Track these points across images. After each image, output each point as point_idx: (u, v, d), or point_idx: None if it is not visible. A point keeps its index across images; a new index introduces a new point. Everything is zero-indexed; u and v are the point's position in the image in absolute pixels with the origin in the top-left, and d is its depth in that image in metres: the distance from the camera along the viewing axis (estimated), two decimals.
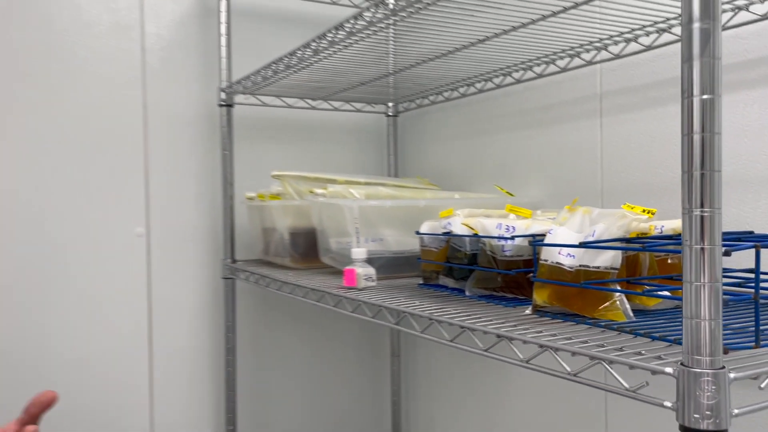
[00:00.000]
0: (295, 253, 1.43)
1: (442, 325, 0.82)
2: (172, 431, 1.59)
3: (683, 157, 0.50)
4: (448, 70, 1.42)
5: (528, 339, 0.68)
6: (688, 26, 0.50)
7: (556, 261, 0.78)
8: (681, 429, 0.50)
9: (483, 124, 1.55)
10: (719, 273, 0.50)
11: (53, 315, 1.48)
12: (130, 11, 1.55)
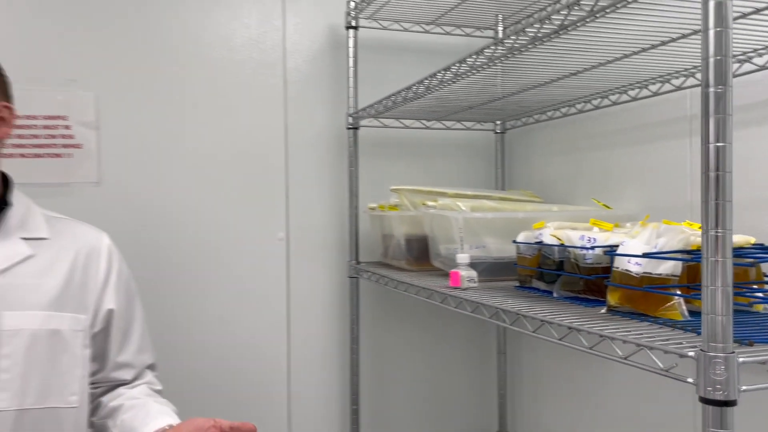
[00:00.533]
0: (410, 257, 1.65)
1: (552, 326, 0.97)
2: (306, 407, 1.86)
3: (702, 190, 0.65)
4: (551, 94, 1.57)
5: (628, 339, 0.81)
6: (705, 90, 0.64)
7: (625, 268, 0.93)
8: (700, 400, 0.65)
9: (583, 141, 1.68)
10: (730, 279, 0.64)
11: (208, 305, 1.79)
12: (274, 50, 1.84)
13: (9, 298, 1.03)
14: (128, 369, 1.18)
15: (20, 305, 1.04)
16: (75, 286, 1.11)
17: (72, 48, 1.66)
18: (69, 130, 1.68)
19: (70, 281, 1.10)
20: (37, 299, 1.06)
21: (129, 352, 1.19)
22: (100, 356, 1.16)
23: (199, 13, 1.78)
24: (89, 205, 1.64)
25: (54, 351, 1.06)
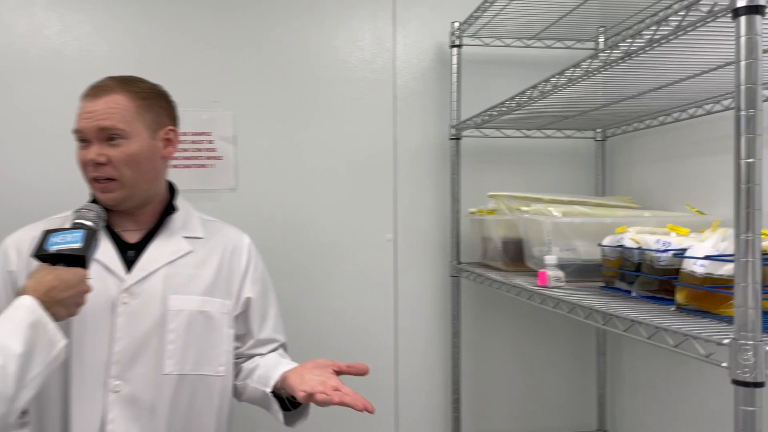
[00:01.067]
0: (506, 258, 1.77)
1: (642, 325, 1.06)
2: (411, 395, 2.03)
3: (735, 199, 0.75)
4: (649, 103, 1.64)
5: (678, 330, 0.92)
6: (737, 113, 0.74)
7: (691, 269, 1.02)
8: (732, 382, 0.75)
9: (679, 148, 1.73)
10: (759, 277, 0.73)
11: (324, 298, 2.00)
12: (385, 69, 2.04)
13: (174, 284, 1.29)
14: (265, 346, 1.42)
15: (182, 290, 1.29)
16: (222, 277, 1.36)
17: (215, 74, 1.95)
18: (212, 144, 1.97)
19: (219, 273, 1.35)
20: (194, 286, 1.31)
21: (266, 332, 1.42)
22: (242, 335, 1.40)
23: (320, 39, 2.01)
24: (228, 208, 1.92)
25: (206, 329, 1.30)
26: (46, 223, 1.32)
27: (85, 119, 1.25)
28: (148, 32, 1.91)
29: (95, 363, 1.21)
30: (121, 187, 1.26)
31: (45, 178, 1.83)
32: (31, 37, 1.86)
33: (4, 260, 1.27)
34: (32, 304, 0.99)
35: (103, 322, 1.22)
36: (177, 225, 1.36)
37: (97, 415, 1.20)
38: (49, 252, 1.06)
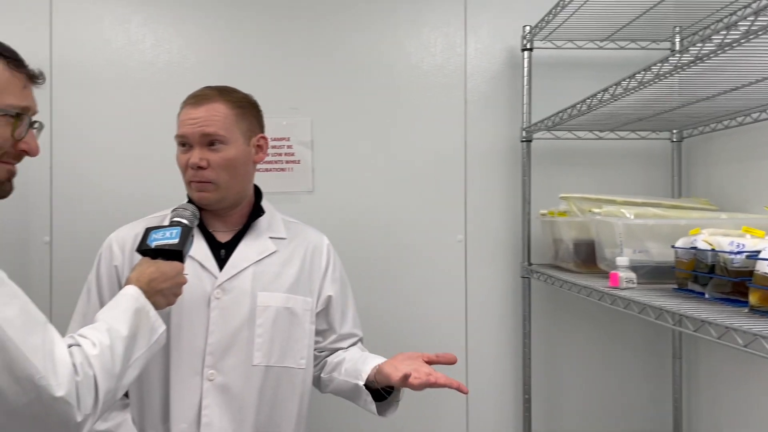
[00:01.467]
0: (578, 260, 1.78)
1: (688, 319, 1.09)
2: (482, 393, 2.06)
3: None
4: (725, 104, 1.61)
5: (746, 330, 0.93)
6: None
7: (764, 271, 1.01)
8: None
9: (760, 149, 1.68)
10: None
11: (397, 297, 2.06)
12: (456, 74, 2.08)
13: (261, 281, 1.38)
14: (346, 340, 1.50)
15: (269, 288, 1.39)
16: (305, 276, 1.45)
17: (294, 83, 2.05)
18: (291, 149, 2.07)
19: (301, 272, 1.44)
20: (280, 284, 1.40)
21: (346, 327, 1.51)
22: (324, 331, 1.48)
23: (392, 47, 2.08)
24: (306, 209, 2.01)
25: (290, 324, 1.39)
26: (144, 221, 1.44)
27: (189, 125, 1.35)
28: (233, 45, 2.04)
29: (192, 353, 1.32)
30: (216, 189, 1.36)
31: (142, 180, 1.98)
32: (128, 51, 2.02)
33: (109, 255, 1.40)
34: (136, 293, 1.10)
35: (199, 315, 1.33)
36: (263, 226, 1.45)
37: (194, 400, 1.31)
38: (150, 247, 1.17)
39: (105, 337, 1.01)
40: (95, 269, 1.40)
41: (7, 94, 1.02)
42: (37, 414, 0.90)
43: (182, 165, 1.38)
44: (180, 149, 1.39)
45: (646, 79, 1.29)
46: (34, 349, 0.89)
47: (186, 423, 1.31)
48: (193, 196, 1.39)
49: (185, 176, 1.39)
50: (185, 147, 1.38)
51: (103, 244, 1.43)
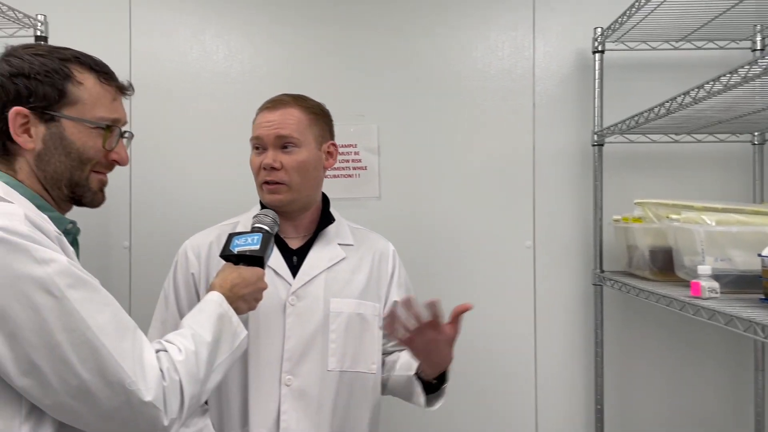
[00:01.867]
0: (654, 268, 1.72)
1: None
2: (552, 403, 2.03)
3: None
4: None
5: None
6: None
7: None
8: None
9: None
10: None
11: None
12: (524, 78, 2.06)
13: (333, 288, 1.40)
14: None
15: (341, 294, 1.40)
16: (373, 282, 1.46)
17: (361, 90, 2.07)
18: (358, 155, 2.09)
19: (370, 278, 1.45)
20: (350, 290, 1.42)
21: None
22: (386, 334, 1.48)
23: (459, 52, 2.07)
24: (372, 215, 2.03)
25: (361, 329, 1.41)
26: (217, 228, 1.48)
27: (264, 128, 1.39)
28: (302, 54, 2.07)
29: (270, 359, 1.34)
30: (288, 191, 1.38)
31: (216, 187, 2.04)
32: (203, 62, 2.09)
33: (185, 264, 1.43)
34: (219, 299, 1.13)
35: (276, 322, 1.35)
36: (332, 233, 1.47)
37: (273, 405, 1.33)
38: (233, 253, 1.21)
39: (190, 342, 1.03)
40: (172, 277, 1.44)
41: (98, 107, 1.06)
42: (126, 417, 0.93)
43: (256, 167, 1.41)
44: (254, 152, 1.42)
45: (732, 82, 1.23)
46: (124, 355, 0.93)
47: (265, 428, 1.33)
48: (264, 199, 1.41)
49: (258, 178, 1.41)
50: (259, 150, 1.41)
51: (179, 251, 1.46)
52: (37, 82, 1.00)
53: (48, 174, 1.03)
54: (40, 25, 1.81)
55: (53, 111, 1.01)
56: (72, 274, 0.92)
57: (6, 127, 1.00)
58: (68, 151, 1.03)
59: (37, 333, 0.87)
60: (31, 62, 1.01)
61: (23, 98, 1.00)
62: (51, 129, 1.02)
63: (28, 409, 0.91)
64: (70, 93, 1.02)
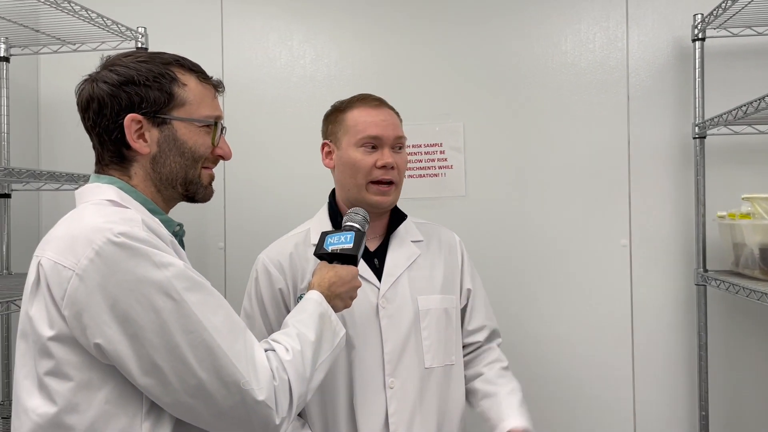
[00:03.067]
0: (764, 266, 1.62)
1: None
2: (652, 410, 1.94)
3: None
4: None
5: None
6: None
7: None
8: None
9: None
10: None
11: (552, 304, 1.99)
12: (617, 69, 1.98)
13: (417, 286, 1.39)
14: (482, 331, 1.47)
15: (425, 291, 1.39)
16: (449, 274, 1.44)
17: (446, 89, 2.06)
18: (443, 155, 2.08)
19: (446, 272, 1.43)
20: (433, 286, 1.40)
21: (481, 317, 1.48)
22: (465, 324, 1.47)
23: (548, 47, 2.02)
24: (459, 214, 2.01)
25: (446, 324, 1.39)
26: (292, 238, 1.43)
27: (383, 126, 1.36)
28: (388, 56, 2.08)
29: (372, 363, 1.33)
30: (395, 191, 1.38)
31: (303, 189, 2.08)
32: (291, 66, 2.13)
33: (269, 279, 1.37)
34: (319, 298, 1.14)
35: (372, 326, 1.35)
36: (403, 231, 1.45)
37: (380, 409, 1.33)
38: (327, 251, 1.22)
39: (296, 342, 1.05)
40: (254, 293, 1.38)
41: (203, 106, 1.09)
42: (241, 416, 0.95)
43: (367, 166, 1.34)
44: (361, 150, 1.35)
45: None
46: (238, 356, 0.95)
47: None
48: (371, 200, 1.36)
49: (367, 177, 1.35)
50: (374, 149, 1.36)
51: (257, 268, 1.39)
52: (146, 88, 1.03)
53: (164, 175, 1.06)
54: (141, 37, 1.90)
55: (164, 114, 1.04)
56: (189, 277, 0.94)
57: (121, 134, 1.03)
58: (182, 151, 1.06)
59: (158, 334, 0.91)
60: (137, 69, 1.04)
61: (135, 105, 1.02)
62: (164, 132, 1.05)
63: (148, 407, 0.95)
64: (178, 95, 1.05)
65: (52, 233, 1.00)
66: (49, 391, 0.92)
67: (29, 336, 0.95)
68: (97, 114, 1.03)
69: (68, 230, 0.96)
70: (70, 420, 0.92)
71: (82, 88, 1.05)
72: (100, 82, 1.03)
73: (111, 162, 1.06)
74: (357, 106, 1.40)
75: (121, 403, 0.93)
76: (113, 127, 1.02)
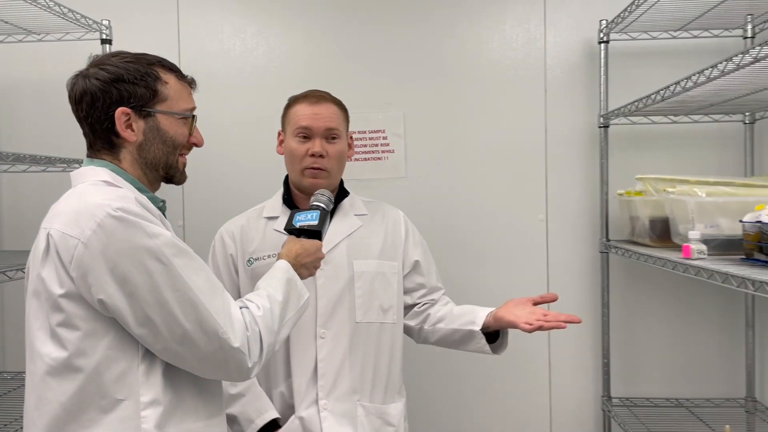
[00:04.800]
0: (653, 235, 1.94)
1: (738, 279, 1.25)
2: (563, 358, 2.27)
3: None
4: None
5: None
6: None
7: None
8: None
9: None
10: None
11: (481, 272, 2.27)
12: (536, 66, 2.27)
13: (354, 252, 1.63)
14: (435, 292, 1.75)
15: (361, 256, 1.63)
16: (388, 244, 1.69)
17: (388, 81, 2.29)
18: (386, 140, 2.32)
19: (385, 241, 1.68)
20: (369, 252, 1.65)
21: (432, 281, 1.75)
22: (415, 288, 1.73)
23: (477, 45, 2.28)
24: (399, 194, 2.26)
25: (382, 285, 1.64)
26: (245, 214, 1.70)
27: (314, 119, 1.59)
28: (335, 51, 2.29)
29: (306, 317, 1.54)
30: (327, 176, 1.61)
31: (257, 174, 2.27)
32: (244, 58, 2.32)
33: (222, 246, 1.66)
34: (287, 266, 1.35)
35: (308, 283, 1.55)
36: (347, 206, 1.69)
37: (311, 356, 1.57)
38: (295, 227, 1.43)
39: (266, 301, 1.25)
40: (211, 260, 1.66)
41: (181, 101, 1.27)
42: (220, 360, 1.15)
43: (300, 154, 1.60)
44: (296, 140, 1.61)
45: (728, 69, 1.39)
46: (217, 310, 1.14)
47: (306, 377, 1.57)
48: (304, 182, 1.61)
49: (300, 164, 1.60)
50: (306, 138, 1.60)
51: (216, 237, 1.69)
52: (134, 85, 1.20)
53: (148, 160, 1.24)
54: (105, 29, 2.04)
55: (149, 108, 1.22)
56: (175, 245, 1.14)
57: (112, 125, 1.20)
58: (164, 140, 1.24)
59: (151, 292, 1.10)
60: (126, 68, 1.20)
61: (124, 99, 1.19)
62: (149, 123, 1.22)
63: (143, 353, 1.14)
64: (161, 92, 1.23)
65: (58, 208, 1.17)
66: (60, 339, 1.11)
67: (42, 294, 1.12)
68: (90, 106, 1.19)
69: (72, 206, 1.13)
70: (79, 362, 1.10)
71: (75, 83, 1.21)
72: (92, 78, 1.19)
73: (102, 148, 1.22)
74: (300, 101, 1.64)
75: (121, 348, 1.12)
76: (104, 118, 1.19)
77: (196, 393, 1.21)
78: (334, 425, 1.55)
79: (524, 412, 2.28)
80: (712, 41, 2.16)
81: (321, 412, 1.56)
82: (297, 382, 1.58)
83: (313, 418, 1.56)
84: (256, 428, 1.54)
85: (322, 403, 1.56)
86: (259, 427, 1.54)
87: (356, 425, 1.58)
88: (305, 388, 1.57)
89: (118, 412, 1.12)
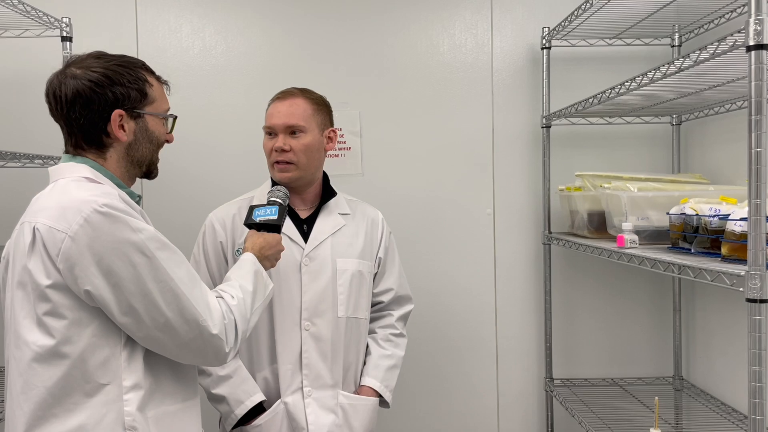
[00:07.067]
0: (591, 227, 2.12)
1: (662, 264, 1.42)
2: (509, 343, 2.43)
3: (748, 175, 1.09)
4: (711, 97, 1.92)
5: (709, 269, 1.27)
6: (749, 117, 1.08)
7: (731, 229, 1.35)
8: (746, 300, 1.10)
9: (742, 132, 2.00)
10: (764, 229, 1.07)
11: (435, 263, 2.41)
12: (483, 69, 2.41)
13: (338, 250, 1.72)
14: (388, 293, 1.84)
15: (344, 255, 1.73)
16: (368, 244, 1.79)
17: (344, 81, 2.39)
18: (343, 138, 2.42)
19: (366, 241, 1.78)
20: (352, 251, 1.74)
21: (390, 282, 1.85)
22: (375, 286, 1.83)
23: (429, 48, 2.41)
24: (357, 189, 2.33)
25: (360, 284, 1.74)
26: (237, 202, 1.77)
27: (275, 117, 1.68)
28: (294, 50, 2.38)
29: (291, 309, 1.66)
30: (296, 169, 1.68)
31: (220, 169, 2.33)
32: (203, 56, 2.37)
33: (213, 233, 1.72)
34: (253, 259, 1.43)
35: (294, 279, 1.67)
36: (332, 205, 1.79)
37: (295, 346, 1.66)
38: (255, 222, 1.51)
39: (239, 292, 1.33)
40: (201, 244, 1.73)
41: (163, 102, 1.35)
42: (199, 346, 1.23)
43: (268, 149, 1.69)
44: (266, 137, 1.71)
45: (656, 77, 1.55)
46: (197, 300, 1.22)
47: (291, 364, 1.66)
48: (275, 176, 1.70)
49: (270, 159, 1.69)
50: (272, 135, 1.69)
51: (206, 223, 1.74)
52: (128, 88, 1.26)
53: (135, 158, 1.31)
54: (65, 26, 2.05)
55: (140, 110, 1.29)
56: (158, 239, 1.21)
57: (105, 125, 1.25)
58: (151, 139, 1.32)
59: (134, 283, 1.16)
60: (119, 72, 1.26)
61: (119, 102, 1.26)
62: (138, 124, 1.29)
63: (125, 340, 1.21)
64: (149, 94, 1.30)
65: (41, 203, 1.21)
66: (47, 327, 1.16)
67: (28, 285, 1.17)
68: (84, 108, 1.24)
69: (58, 201, 1.18)
70: (65, 349, 1.16)
71: (63, 83, 1.24)
72: (83, 79, 1.23)
73: (89, 146, 1.27)
74: (273, 100, 1.74)
75: (105, 336, 1.19)
76: (98, 118, 1.25)
77: (174, 378, 1.29)
78: (317, 410, 1.66)
79: (473, 395, 2.43)
80: (644, 48, 2.35)
81: (305, 398, 1.66)
82: (282, 369, 1.66)
83: (297, 404, 1.66)
84: (246, 409, 1.63)
85: (306, 391, 1.66)
86: (249, 408, 1.63)
87: (337, 412, 1.69)
88: (290, 375, 1.67)
89: (102, 396, 1.18)
